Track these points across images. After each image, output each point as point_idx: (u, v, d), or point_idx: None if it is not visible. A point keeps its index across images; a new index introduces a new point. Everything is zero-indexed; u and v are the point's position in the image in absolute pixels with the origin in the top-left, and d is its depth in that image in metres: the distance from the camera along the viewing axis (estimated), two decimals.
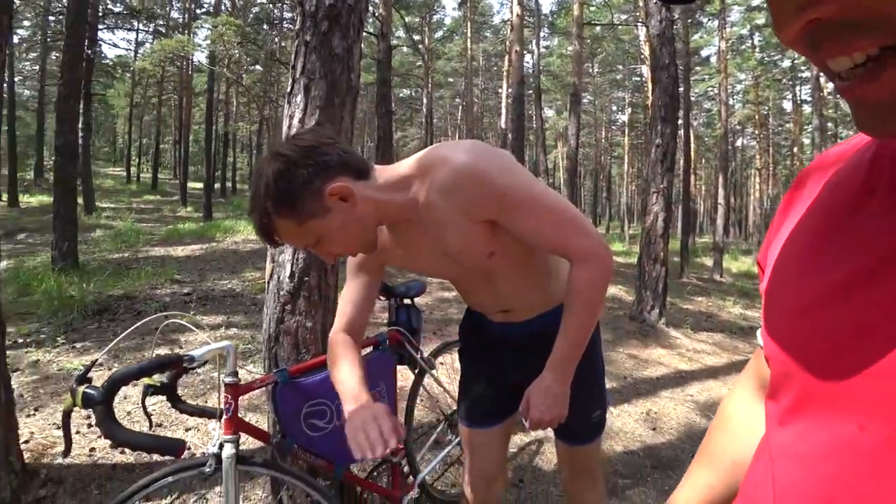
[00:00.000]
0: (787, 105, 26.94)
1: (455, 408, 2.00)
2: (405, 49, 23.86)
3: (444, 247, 0.99)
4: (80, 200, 11.01)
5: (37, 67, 22.01)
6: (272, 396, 1.23)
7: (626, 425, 2.79)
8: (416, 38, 22.04)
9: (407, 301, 1.69)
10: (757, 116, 20.88)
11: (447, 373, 3.00)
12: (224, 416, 1.11)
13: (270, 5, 18.97)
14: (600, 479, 1.33)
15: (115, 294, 4.70)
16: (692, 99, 19.08)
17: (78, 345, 3.50)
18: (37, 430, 2.32)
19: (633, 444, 2.57)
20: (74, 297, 4.32)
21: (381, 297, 1.68)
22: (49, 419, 2.43)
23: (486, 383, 1.27)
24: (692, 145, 17.78)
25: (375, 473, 1.61)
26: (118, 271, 5.76)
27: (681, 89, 9.46)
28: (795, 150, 22.45)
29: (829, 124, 20.39)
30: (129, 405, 2.56)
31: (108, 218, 11.68)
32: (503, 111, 18.34)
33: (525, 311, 1.15)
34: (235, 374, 1.14)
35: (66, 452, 1.00)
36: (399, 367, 1.65)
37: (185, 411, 1.17)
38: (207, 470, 1.07)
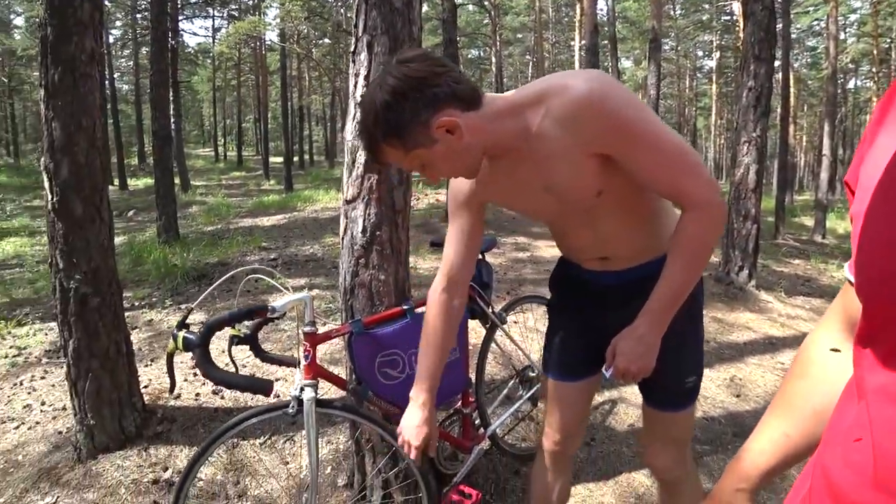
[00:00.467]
0: None
1: (527, 363, 2.01)
2: (471, 7, 23.16)
3: (551, 182, 0.95)
4: (177, 180, 12.07)
5: (131, 63, 23.98)
6: (347, 345, 1.29)
7: (707, 390, 2.64)
8: None
9: (478, 256, 1.68)
10: (875, 51, 18.08)
11: (520, 330, 3.00)
12: (304, 363, 1.18)
13: None
14: (689, 456, 1.23)
15: (211, 261, 5.15)
16: (793, 36, 16.92)
17: (182, 305, 3.90)
18: (154, 377, 2.64)
19: (714, 411, 2.44)
20: (177, 266, 4.79)
21: None
22: (163, 368, 2.75)
23: (574, 336, 1.22)
24: (791, 89, 15.86)
25: (448, 423, 1.66)
26: (212, 241, 6.29)
27: (779, 25, 8.39)
28: None
29: None
30: (217, 353, 2.82)
31: (201, 195, 12.71)
32: (576, 65, 17.40)
33: (624, 260, 1.08)
34: (313, 323, 1.21)
35: (172, 389, 1.12)
36: (471, 323, 1.67)
37: (266, 360, 1.26)
38: (291, 411, 1.15)
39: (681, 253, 0.94)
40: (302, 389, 1.18)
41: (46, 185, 1.98)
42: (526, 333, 2.94)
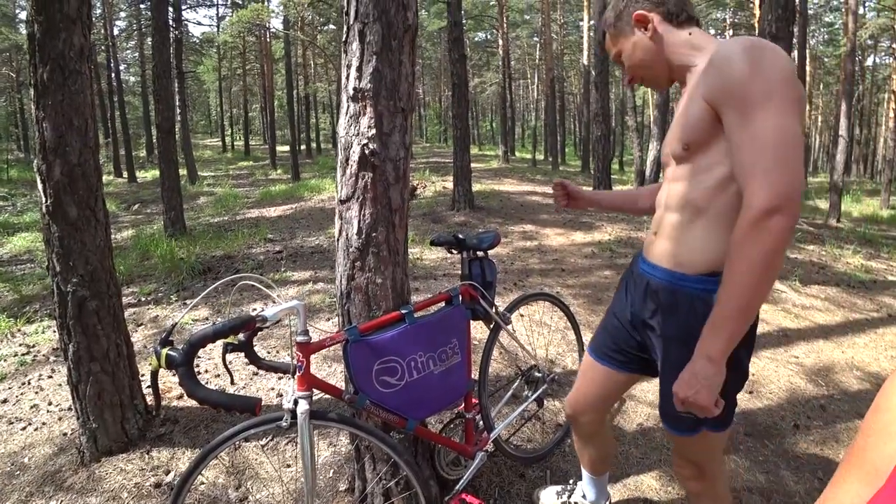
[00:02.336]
0: None
1: (532, 363, 1.95)
2: None
3: (683, 115, 1.01)
4: (184, 172, 12.07)
5: (137, 54, 23.94)
6: (343, 353, 1.24)
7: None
8: None
9: (480, 254, 1.62)
10: None
11: (528, 325, 2.94)
12: (297, 374, 1.13)
13: None
14: (716, 472, 1.15)
15: (216, 255, 5.13)
16: (809, 12, 16.37)
17: (188, 301, 3.88)
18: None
19: None
20: (184, 260, 4.78)
21: (453, 251, 1.62)
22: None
23: (610, 323, 1.27)
24: (808, 68, 15.40)
25: (450, 427, 1.61)
26: (219, 234, 6.27)
27: (796, 0, 8.09)
28: None
29: None
30: (210, 364, 2.80)
31: (209, 186, 12.72)
32: (585, 46, 17.02)
33: (661, 249, 1.07)
34: (306, 332, 1.16)
35: (157, 408, 1.07)
36: (473, 322, 1.61)
37: (261, 367, 1.22)
38: (284, 424, 1.10)
39: (738, 256, 0.86)
40: (296, 402, 1.13)
41: (40, 187, 1.94)
42: (534, 329, 2.89)
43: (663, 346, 1.07)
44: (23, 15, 24.30)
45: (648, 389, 2.43)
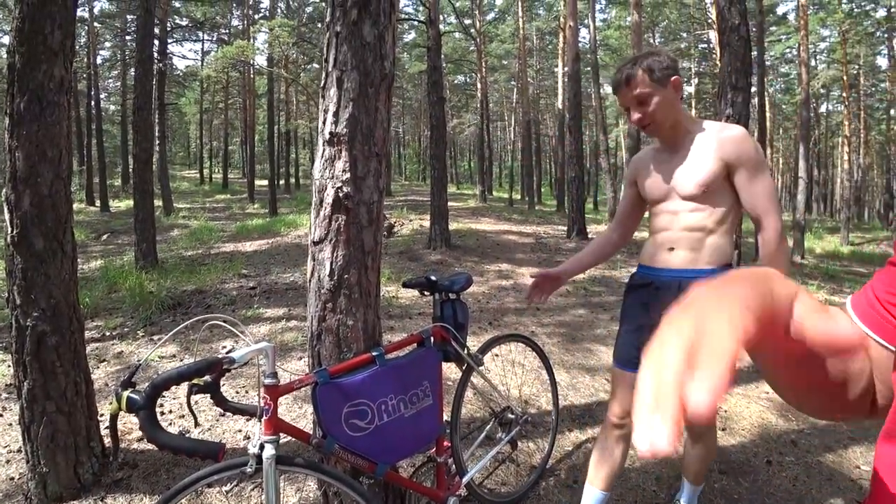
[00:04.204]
0: (882, 62, 24.03)
1: (505, 405, 1.94)
2: (457, 35, 23.58)
3: (680, 170, 1.42)
4: (159, 203, 11.88)
5: (119, 84, 23.90)
6: (312, 397, 1.22)
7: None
8: (468, 21, 21.68)
9: (452, 295, 1.63)
10: (845, 77, 18.71)
11: (501, 366, 2.93)
12: (264, 417, 1.11)
13: (323, 3, 19.39)
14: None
15: (188, 289, 5.02)
16: (767, 63, 17.48)
17: (155, 337, 3.76)
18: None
19: None
20: (153, 293, 4.66)
21: (426, 293, 1.63)
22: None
23: (633, 332, 1.51)
24: (767, 114, 16.30)
25: (420, 472, 1.58)
26: (192, 268, 6.15)
27: (753, 53, 8.65)
28: (893, 112, 19.99)
29: None
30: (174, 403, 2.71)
31: (184, 218, 12.52)
32: (560, 91, 17.71)
33: (682, 258, 1.42)
34: (275, 374, 1.14)
35: (115, 454, 1.03)
36: (446, 364, 1.61)
37: (228, 409, 1.19)
38: (249, 470, 1.07)
39: (777, 257, 1.34)
40: (262, 446, 1.10)
41: (7, 216, 1.89)
42: (508, 368, 2.89)
43: None
44: (5, 39, 24.16)
45: None
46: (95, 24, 18.83)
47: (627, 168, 1.64)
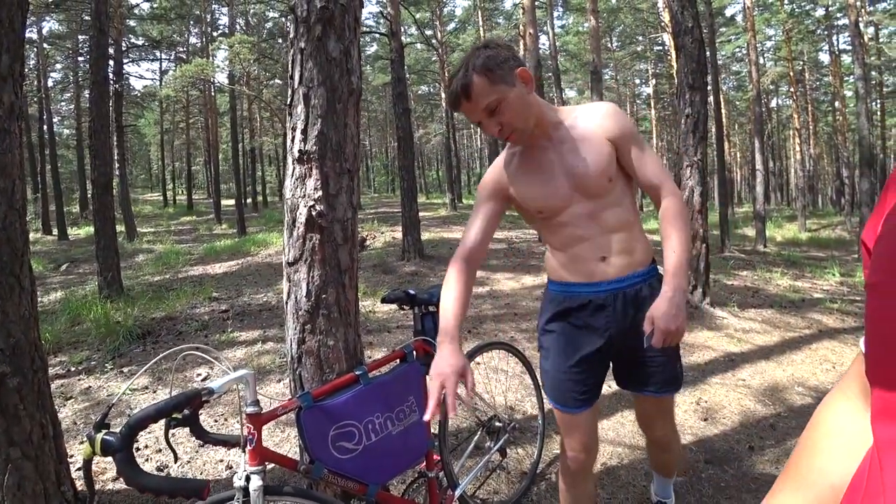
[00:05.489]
0: (824, 57, 25.37)
1: (491, 414, 1.94)
2: (419, 46, 23.74)
3: (573, 165, 1.22)
4: (122, 228, 11.50)
5: (72, 107, 23.10)
6: (297, 422, 1.19)
7: (675, 416, 2.65)
8: (429, 32, 21.87)
9: (431, 308, 1.62)
10: (791, 73, 19.66)
11: (484, 373, 2.93)
12: (248, 448, 1.08)
13: (283, 19, 19.23)
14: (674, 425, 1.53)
15: (157, 317, 4.85)
16: (720, 62, 18.20)
17: (125, 369, 3.61)
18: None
19: (683, 437, 2.42)
20: (120, 323, 4.47)
21: (405, 307, 1.62)
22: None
23: (578, 370, 1.29)
24: (723, 111, 16.97)
25: (412, 488, 1.56)
26: (160, 294, 5.95)
27: (707, 53, 8.99)
28: (837, 104, 21.09)
29: (874, 73, 19.07)
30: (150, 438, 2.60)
31: (149, 242, 12.14)
32: None
33: (618, 265, 1.26)
34: (257, 402, 1.11)
35: (91, 500, 0.98)
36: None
37: (208, 441, 1.14)
38: None
39: (676, 224, 1.20)
40: (248, 478, 1.06)
41: None
42: (492, 376, 2.89)
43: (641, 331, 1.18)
44: None
45: (609, 427, 2.46)
46: (45, 45, 18.19)
47: (484, 181, 1.33)
